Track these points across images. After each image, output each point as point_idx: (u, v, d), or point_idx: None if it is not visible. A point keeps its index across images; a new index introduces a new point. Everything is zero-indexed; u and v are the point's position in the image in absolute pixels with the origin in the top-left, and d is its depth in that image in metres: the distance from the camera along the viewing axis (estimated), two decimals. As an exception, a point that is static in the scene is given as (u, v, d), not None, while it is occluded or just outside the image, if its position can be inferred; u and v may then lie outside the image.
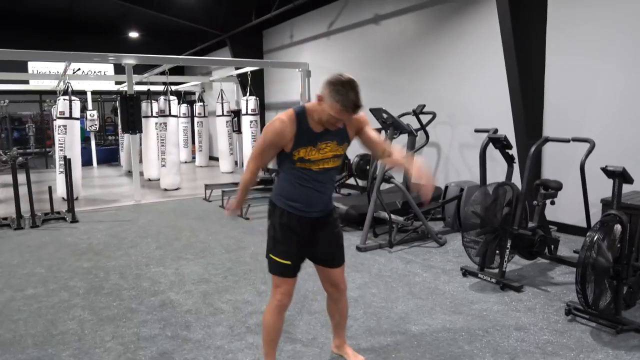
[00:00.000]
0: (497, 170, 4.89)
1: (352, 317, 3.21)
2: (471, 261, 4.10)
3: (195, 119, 12.28)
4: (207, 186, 7.73)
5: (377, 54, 7.52)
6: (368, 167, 7.18)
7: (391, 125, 4.83)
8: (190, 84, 12.71)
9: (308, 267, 2.56)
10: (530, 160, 3.81)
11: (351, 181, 7.85)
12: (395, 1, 7.08)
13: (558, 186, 4.07)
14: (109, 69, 13.80)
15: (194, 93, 14.43)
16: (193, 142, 13.24)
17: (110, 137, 15.81)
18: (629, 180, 3.04)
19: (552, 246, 4.21)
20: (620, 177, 3.02)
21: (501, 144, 3.84)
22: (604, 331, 3.00)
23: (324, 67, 8.80)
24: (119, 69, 12.94)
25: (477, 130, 4.46)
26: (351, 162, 7.31)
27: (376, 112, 4.83)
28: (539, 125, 5.28)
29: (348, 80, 2.07)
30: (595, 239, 2.93)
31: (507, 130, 5.37)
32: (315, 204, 2.32)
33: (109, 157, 13.79)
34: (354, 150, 7.66)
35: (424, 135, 5.58)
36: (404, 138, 6.04)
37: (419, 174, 2.23)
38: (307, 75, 9.25)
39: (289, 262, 2.30)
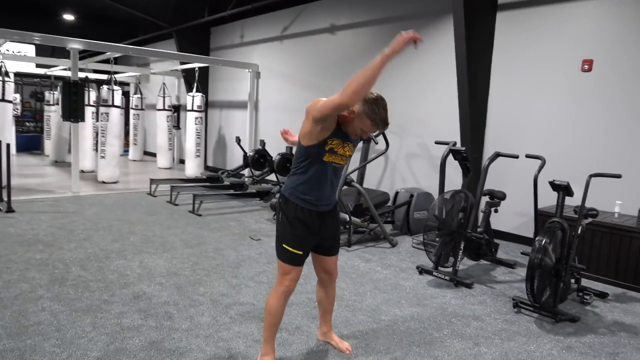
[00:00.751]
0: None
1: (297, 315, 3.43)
2: (425, 260, 4.49)
3: (132, 112, 11.81)
4: (152, 181, 7.55)
5: (331, 63, 7.82)
6: (289, 165, 7.43)
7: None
8: (127, 74, 12.20)
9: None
10: (483, 172, 4.28)
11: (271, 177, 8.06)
12: (352, 14, 7.44)
13: (502, 196, 4.60)
14: (29, 49, 12.73)
15: (128, 84, 13.85)
16: (126, 135, 12.70)
17: (28, 124, 14.65)
18: (571, 194, 3.57)
19: (494, 249, 4.75)
20: (564, 190, 3.54)
21: (461, 155, 4.27)
22: (545, 321, 3.48)
23: (275, 70, 8.96)
24: (41, 51, 12.03)
25: (437, 142, 4.89)
26: (273, 159, 7.46)
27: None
28: (481, 141, 5.86)
29: (380, 98, 2.30)
30: (543, 242, 3.41)
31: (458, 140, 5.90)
32: (326, 198, 2.52)
33: (30, 144, 12.82)
34: (278, 148, 7.87)
35: (384, 142, 5.91)
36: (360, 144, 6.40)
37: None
38: (256, 77, 9.35)
39: (300, 252, 2.48)
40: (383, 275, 4.30)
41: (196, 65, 9.47)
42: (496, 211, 4.63)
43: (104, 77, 11.32)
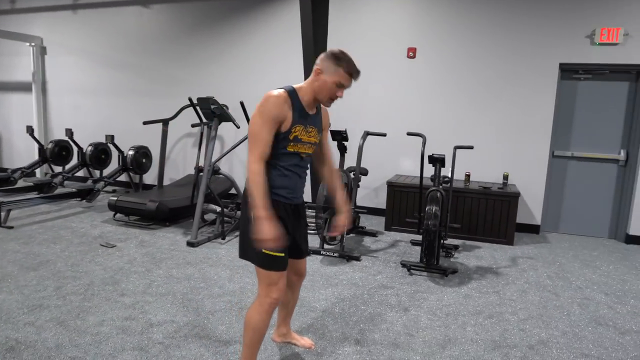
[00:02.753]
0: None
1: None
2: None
3: None
4: None
5: (146, 40, 6.98)
6: (144, 160, 6.70)
7: (218, 116, 4.76)
8: None
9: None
10: (359, 151, 4.55)
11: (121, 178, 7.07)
12: (171, -14, 6.77)
13: (365, 172, 4.99)
14: None
15: None
16: None
17: None
18: (444, 165, 4.13)
19: (358, 221, 5.15)
20: (441, 162, 4.07)
21: (341, 136, 4.43)
22: (436, 277, 4.00)
23: (68, 46, 7.51)
24: None
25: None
26: (125, 154, 6.60)
27: (203, 102, 4.65)
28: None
29: (343, 51, 2.14)
30: (434, 210, 3.88)
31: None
32: (298, 189, 2.30)
33: None
34: (87, 137, 6.95)
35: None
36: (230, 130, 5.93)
37: (341, 221, 2.40)
38: (42, 52, 7.67)
39: (282, 255, 2.18)
40: (279, 263, 4.20)
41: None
42: (358, 186, 5.00)
43: None
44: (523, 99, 5.51)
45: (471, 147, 4.30)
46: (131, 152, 6.57)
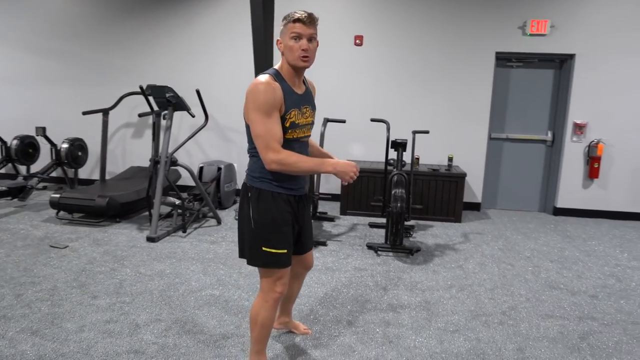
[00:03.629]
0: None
1: (243, 299, 3.19)
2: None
3: None
4: None
5: (78, 24, 6.44)
6: (80, 154, 6.30)
7: (174, 105, 4.56)
8: None
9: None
10: (321, 138, 4.60)
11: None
12: (100, -35, 6.29)
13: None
14: None
15: None
16: None
17: None
18: (405, 149, 4.32)
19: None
20: (403, 146, 4.25)
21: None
22: (402, 256, 4.20)
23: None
24: None
25: None
26: (58, 148, 6.11)
27: (157, 90, 4.43)
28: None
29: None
30: (400, 193, 4.05)
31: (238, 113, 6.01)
32: (301, 179, 2.21)
33: None
34: (66, 133, 6.42)
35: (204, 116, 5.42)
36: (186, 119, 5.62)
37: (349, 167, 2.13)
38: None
39: (285, 251, 2.12)
40: (248, 253, 4.17)
41: None
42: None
43: None
44: (464, 85, 5.87)
45: (427, 132, 4.53)
46: (65, 145, 6.09)
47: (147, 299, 3.17)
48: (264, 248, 2.08)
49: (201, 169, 5.73)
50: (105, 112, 5.70)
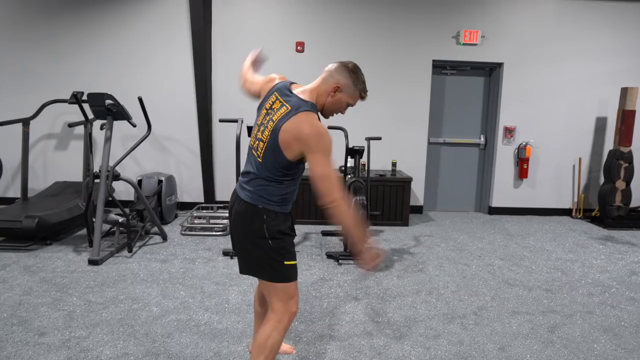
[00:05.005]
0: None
1: (214, 321, 2.99)
2: (209, 243, 4.37)
3: None
4: None
5: (-18, 22, 5.73)
6: None
7: (114, 114, 4.18)
8: None
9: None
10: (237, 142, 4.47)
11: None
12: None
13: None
14: None
15: None
16: None
17: None
18: (362, 156, 4.32)
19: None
20: (360, 153, 4.25)
21: (249, 129, 4.29)
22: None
23: None
24: None
25: (221, 120, 4.65)
26: None
27: (96, 98, 4.03)
28: (209, 115, 5.89)
29: (358, 67, 2.15)
30: (360, 199, 4.05)
31: (188, 116, 5.77)
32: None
33: None
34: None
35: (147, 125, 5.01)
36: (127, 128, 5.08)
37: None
38: None
39: (296, 262, 2.13)
40: (205, 270, 3.92)
41: None
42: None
43: None
44: (405, 92, 6.04)
45: (379, 138, 4.58)
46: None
47: (106, 331, 2.85)
48: (285, 262, 2.05)
49: (140, 182, 5.33)
50: (25, 122, 5.10)
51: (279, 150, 1.94)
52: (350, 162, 4.85)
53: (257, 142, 2.02)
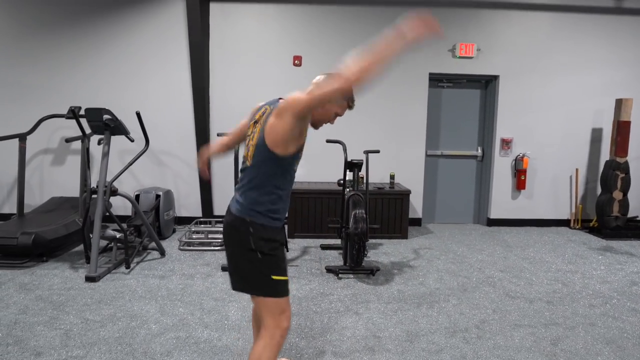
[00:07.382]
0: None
1: (214, 338, 2.95)
2: (208, 258, 4.34)
3: None
4: None
5: (-21, 38, 5.74)
6: None
7: (112, 129, 4.17)
8: None
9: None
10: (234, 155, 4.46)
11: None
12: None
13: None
14: None
15: None
16: None
17: None
18: (360, 169, 4.32)
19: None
20: (359, 167, 4.24)
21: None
22: (362, 277, 4.17)
23: None
24: None
25: (219, 134, 4.64)
26: None
27: (93, 113, 4.03)
28: (207, 128, 5.90)
29: None
30: (360, 213, 4.03)
31: (185, 130, 5.76)
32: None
33: None
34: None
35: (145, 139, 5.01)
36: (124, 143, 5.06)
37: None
38: None
39: (287, 277, 2.10)
40: (203, 286, 3.89)
41: None
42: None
43: None
44: (402, 105, 6.07)
45: (378, 151, 4.58)
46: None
47: (104, 349, 2.80)
48: (273, 277, 2.01)
49: (137, 196, 5.31)
50: (22, 137, 5.08)
51: (265, 147, 1.93)
52: (349, 175, 4.85)
53: (247, 151, 2.03)
